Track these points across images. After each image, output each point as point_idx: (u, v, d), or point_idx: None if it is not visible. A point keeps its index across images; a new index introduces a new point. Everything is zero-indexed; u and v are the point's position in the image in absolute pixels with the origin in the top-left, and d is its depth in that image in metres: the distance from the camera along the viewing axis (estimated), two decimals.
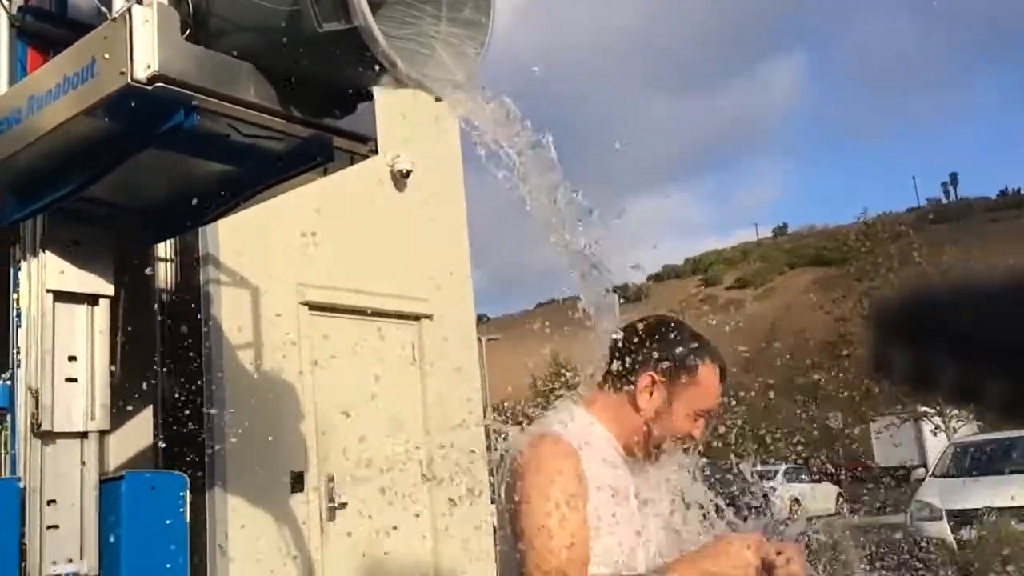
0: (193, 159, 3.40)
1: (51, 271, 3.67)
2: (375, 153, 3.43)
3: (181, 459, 4.50)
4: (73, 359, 3.72)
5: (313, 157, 3.35)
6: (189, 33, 2.85)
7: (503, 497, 1.85)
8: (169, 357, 4.73)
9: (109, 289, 3.84)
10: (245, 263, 5.20)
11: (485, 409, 8.86)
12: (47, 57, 3.47)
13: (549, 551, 1.72)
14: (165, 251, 4.93)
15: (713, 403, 1.92)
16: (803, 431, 31.09)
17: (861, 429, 32.34)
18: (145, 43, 2.75)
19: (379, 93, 3.24)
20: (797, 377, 37.26)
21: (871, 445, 32.09)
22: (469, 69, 2.82)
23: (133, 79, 2.75)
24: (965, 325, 0.64)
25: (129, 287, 4.13)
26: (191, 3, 2.86)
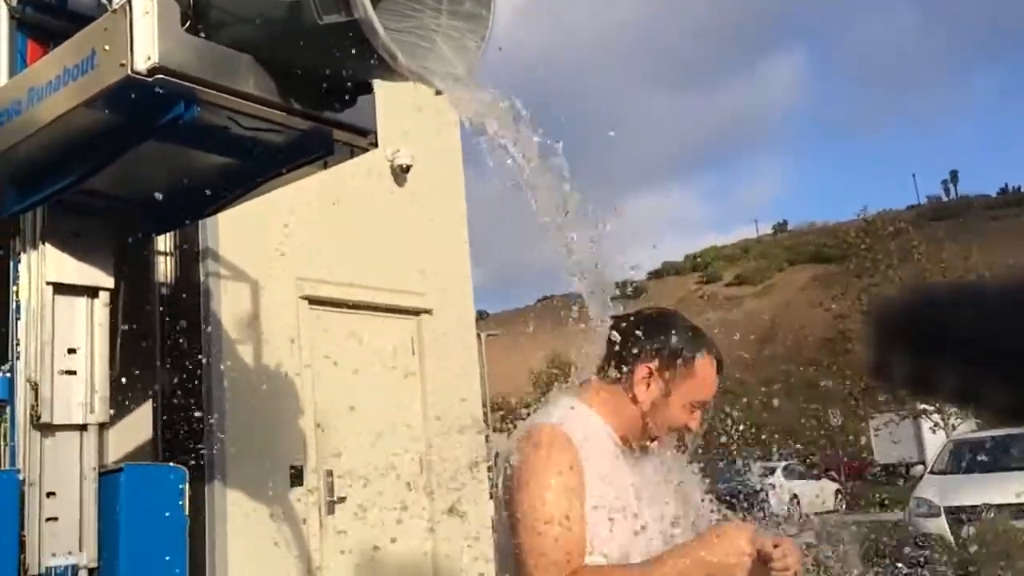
0: (193, 151, 3.40)
1: (51, 263, 3.67)
2: (375, 146, 3.43)
3: (180, 452, 4.51)
4: (73, 351, 3.72)
5: (313, 150, 3.36)
6: (189, 25, 2.85)
7: (501, 487, 1.86)
8: (169, 350, 4.73)
9: (109, 282, 3.85)
10: (245, 257, 5.20)
11: (484, 405, 8.87)
12: (47, 49, 3.46)
13: (546, 541, 1.73)
14: (165, 244, 4.93)
15: (709, 395, 1.93)
16: (802, 428, 31.11)
17: (860, 426, 32.36)
18: (145, 35, 2.75)
19: (379, 86, 3.24)
20: (796, 374, 37.28)
21: (870, 442, 32.10)
22: (470, 62, 2.83)
23: (133, 71, 2.75)
24: (965, 329, 0.64)
25: (129, 280, 4.13)
26: None
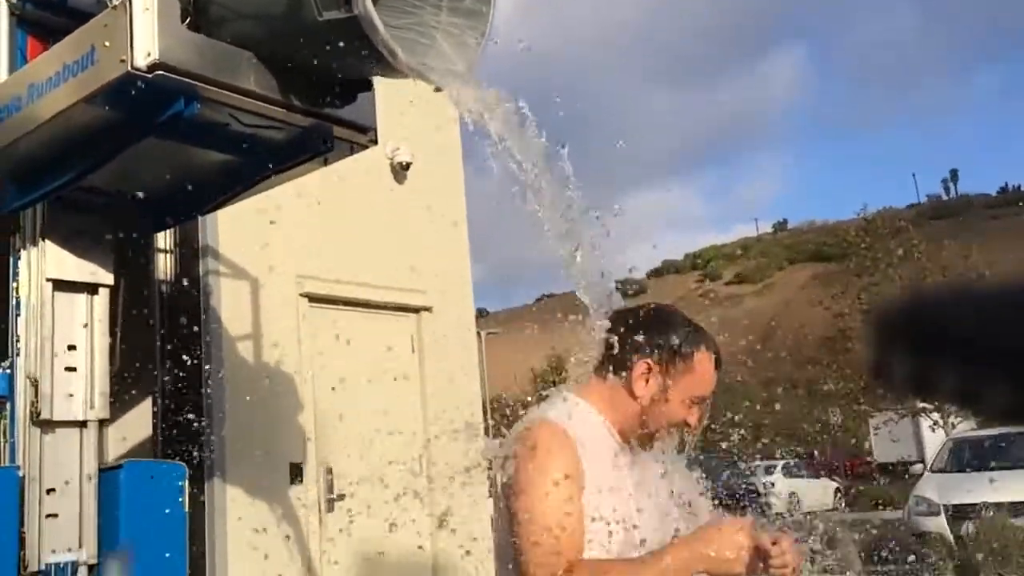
0: (193, 148, 3.39)
1: (51, 260, 3.66)
2: (375, 143, 3.43)
3: (180, 449, 4.51)
4: (72, 348, 3.72)
5: (313, 147, 3.35)
6: (189, 21, 2.84)
7: (499, 483, 1.86)
8: (169, 347, 4.73)
9: (109, 278, 3.84)
10: (245, 254, 5.20)
11: (484, 403, 8.87)
12: (47, 45, 3.45)
13: (545, 536, 1.73)
14: (165, 241, 4.93)
15: (708, 390, 1.93)
16: (802, 426, 31.11)
17: (860, 425, 32.35)
18: (145, 31, 2.75)
19: (379, 83, 3.24)
20: (796, 373, 37.27)
21: (869, 441, 32.10)
22: (470, 59, 2.82)
23: (133, 67, 2.75)
24: (965, 329, 0.64)
25: (129, 277, 4.13)
26: None
